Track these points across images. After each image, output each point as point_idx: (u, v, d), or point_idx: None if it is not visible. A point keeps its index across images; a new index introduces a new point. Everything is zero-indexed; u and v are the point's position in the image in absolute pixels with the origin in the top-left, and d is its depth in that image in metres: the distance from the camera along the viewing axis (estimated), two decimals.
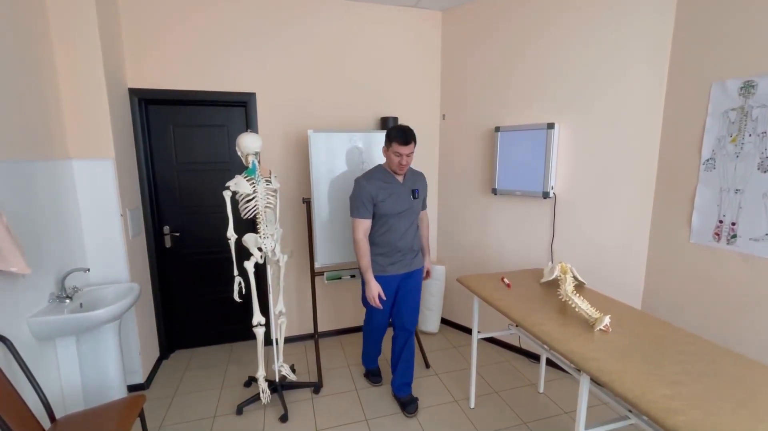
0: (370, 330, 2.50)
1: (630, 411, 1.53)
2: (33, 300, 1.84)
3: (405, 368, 2.41)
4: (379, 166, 2.26)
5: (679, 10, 2.12)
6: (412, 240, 2.28)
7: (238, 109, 2.96)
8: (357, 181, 2.19)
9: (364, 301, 2.31)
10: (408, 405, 2.35)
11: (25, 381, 1.63)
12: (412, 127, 2.15)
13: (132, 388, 2.55)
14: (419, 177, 2.35)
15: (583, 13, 2.44)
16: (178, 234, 2.98)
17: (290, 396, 2.54)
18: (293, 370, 2.64)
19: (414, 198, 2.23)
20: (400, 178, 2.23)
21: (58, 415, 1.73)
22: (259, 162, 2.26)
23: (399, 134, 2.07)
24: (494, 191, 2.93)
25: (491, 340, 3.23)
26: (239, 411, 2.38)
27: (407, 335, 2.39)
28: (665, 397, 1.18)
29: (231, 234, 2.19)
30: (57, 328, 1.85)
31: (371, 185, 2.14)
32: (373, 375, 2.69)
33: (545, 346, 2.11)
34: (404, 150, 2.08)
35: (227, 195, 2.16)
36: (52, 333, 1.86)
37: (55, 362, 1.94)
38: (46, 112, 2.05)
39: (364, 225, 2.17)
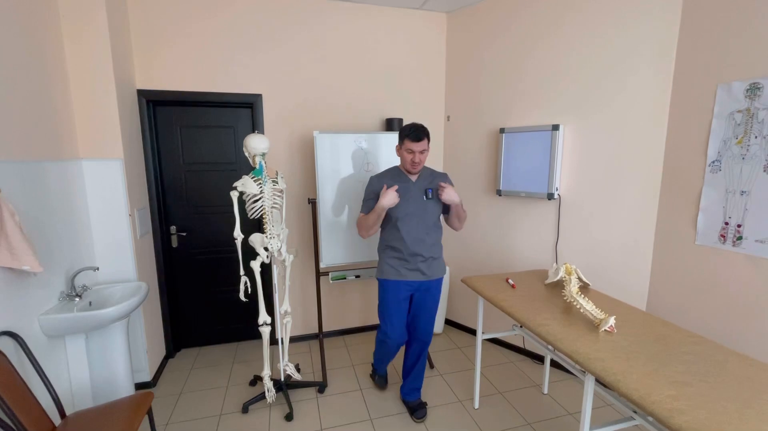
0: (386, 342, 2.29)
1: (635, 412, 1.53)
2: (44, 298, 1.87)
3: (416, 376, 2.40)
4: (395, 166, 2.23)
5: (684, 13, 2.12)
6: (430, 245, 2.14)
7: (245, 110, 2.99)
8: (370, 178, 2.22)
9: (381, 313, 2.27)
10: (417, 410, 2.32)
11: (36, 377, 1.66)
12: None
13: (139, 386, 2.57)
14: (439, 177, 2.21)
15: (589, 15, 2.44)
16: (184, 233, 3.01)
17: (295, 395, 2.56)
18: (298, 369, 2.66)
19: (427, 198, 2.10)
20: (413, 177, 2.15)
21: (67, 412, 1.75)
22: (265, 162, 2.28)
23: (411, 131, 2.01)
24: (499, 192, 2.93)
25: (495, 341, 3.24)
26: (245, 409, 2.39)
27: (422, 346, 2.34)
28: (670, 397, 1.18)
29: (238, 234, 2.22)
30: (67, 326, 1.88)
31: (379, 183, 2.13)
32: (380, 377, 2.64)
33: (550, 347, 2.11)
34: (416, 147, 2.01)
35: (234, 195, 2.18)
36: (62, 331, 1.88)
37: (64, 359, 1.97)
38: (56, 113, 2.08)
39: None
